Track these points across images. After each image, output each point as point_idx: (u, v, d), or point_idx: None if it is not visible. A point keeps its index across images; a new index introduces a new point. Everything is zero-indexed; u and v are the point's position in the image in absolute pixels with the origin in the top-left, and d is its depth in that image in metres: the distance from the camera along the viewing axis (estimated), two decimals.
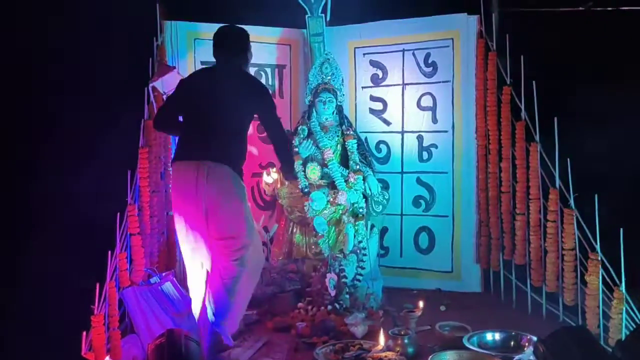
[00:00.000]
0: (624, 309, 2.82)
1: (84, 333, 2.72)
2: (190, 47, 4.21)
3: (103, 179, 3.39)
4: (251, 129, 4.29)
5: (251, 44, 3.31)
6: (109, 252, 2.88)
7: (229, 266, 3.01)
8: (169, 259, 3.90)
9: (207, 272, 3.07)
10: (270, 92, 3.74)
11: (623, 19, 3.84)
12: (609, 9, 3.84)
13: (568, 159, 3.20)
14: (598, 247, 2.99)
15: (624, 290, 2.82)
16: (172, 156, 3.10)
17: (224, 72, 3.10)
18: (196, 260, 3.11)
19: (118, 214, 3.08)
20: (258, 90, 3.11)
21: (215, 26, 3.40)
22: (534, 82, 3.49)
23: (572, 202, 3.20)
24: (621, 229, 2.78)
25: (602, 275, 2.95)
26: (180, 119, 3.22)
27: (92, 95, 3.66)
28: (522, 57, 3.59)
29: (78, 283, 2.86)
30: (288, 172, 3.60)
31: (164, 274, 3.43)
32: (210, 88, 3.00)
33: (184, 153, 3.01)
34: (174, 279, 3.45)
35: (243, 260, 3.03)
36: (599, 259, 2.96)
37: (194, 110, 2.96)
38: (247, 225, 3.06)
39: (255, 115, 3.27)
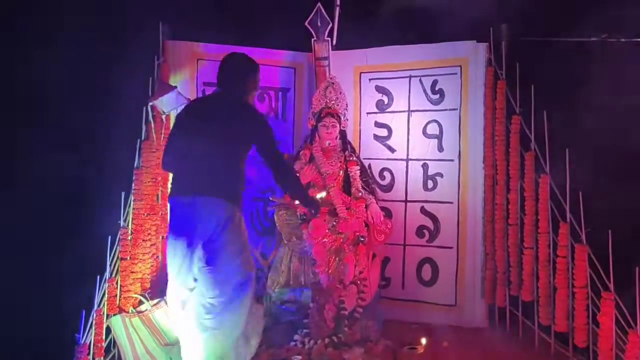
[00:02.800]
0: None
1: None
2: (192, 68, 4.15)
3: (97, 199, 3.28)
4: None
5: (258, 71, 3.15)
6: (98, 277, 2.75)
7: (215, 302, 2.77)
8: (163, 285, 3.75)
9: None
10: (268, 118, 3.61)
11: (636, 50, 3.75)
12: (623, 40, 3.76)
13: (580, 193, 3.08)
14: (612, 285, 2.85)
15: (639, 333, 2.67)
16: (170, 190, 2.92)
17: (220, 102, 2.96)
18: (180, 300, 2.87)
19: (109, 237, 2.96)
20: (253, 120, 2.96)
21: (218, 47, 3.33)
22: (544, 112, 3.40)
23: (583, 237, 3.08)
24: (637, 268, 2.65)
25: (616, 316, 2.81)
26: None
27: (90, 112, 3.58)
28: (532, 86, 3.51)
29: (63, 309, 2.72)
30: (297, 199, 3.39)
31: (156, 301, 3.31)
32: (205, 119, 2.86)
33: (181, 187, 2.85)
34: (166, 306, 3.32)
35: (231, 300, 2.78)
36: (613, 298, 2.82)
37: (188, 141, 2.83)
38: (242, 261, 2.86)
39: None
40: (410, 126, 4.26)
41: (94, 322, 2.70)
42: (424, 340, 3.24)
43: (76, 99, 3.61)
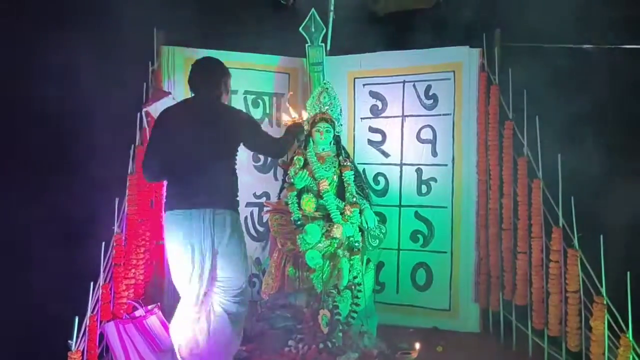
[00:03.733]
0: (631, 357, 2.68)
1: None
2: (187, 73, 4.10)
3: (90, 206, 3.27)
4: (246, 159, 4.24)
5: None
6: (92, 283, 2.74)
7: (230, 306, 2.94)
8: (157, 291, 3.75)
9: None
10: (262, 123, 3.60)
11: (625, 57, 3.78)
12: (612, 46, 3.79)
13: (572, 197, 3.10)
14: (604, 290, 2.86)
15: (631, 338, 2.68)
16: (167, 203, 2.91)
17: (201, 108, 2.94)
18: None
19: (103, 243, 2.96)
20: (238, 120, 2.97)
21: (213, 53, 3.33)
22: (537, 117, 3.42)
23: (576, 242, 3.09)
24: (628, 273, 2.66)
25: (608, 321, 2.82)
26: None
27: (84, 117, 3.56)
28: (525, 91, 3.52)
29: (57, 315, 2.71)
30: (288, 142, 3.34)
31: (149, 307, 3.30)
32: (189, 127, 2.84)
33: (183, 201, 2.83)
34: (160, 312, 3.31)
35: (244, 300, 3.00)
36: (605, 303, 2.83)
37: (178, 152, 2.82)
38: (245, 267, 3.02)
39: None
40: (404, 131, 4.27)
41: (87, 329, 2.69)
42: (417, 345, 3.24)
43: (70, 104, 3.59)
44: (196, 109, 2.95)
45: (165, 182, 3.18)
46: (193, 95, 3.05)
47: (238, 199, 2.99)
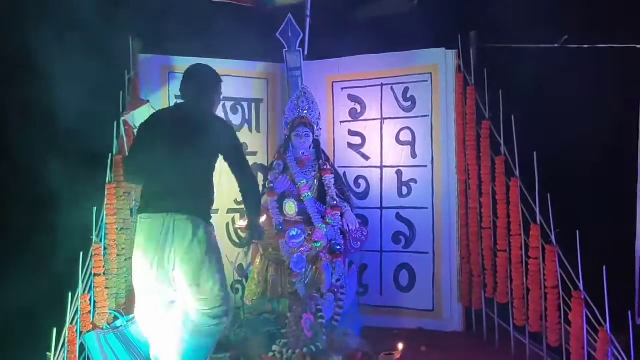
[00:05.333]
0: (610, 350, 2.71)
1: None
2: (164, 81, 4.14)
3: (68, 215, 3.24)
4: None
5: (224, 80, 3.12)
6: (69, 293, 2.72)
7: (200, 317, 2.80)
8: None
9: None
10: (235, 129, 3.56)
11: (600, 56, 3.83)
12: (585, 46, 3.85)
13: (548, 195, 3.13)
14: (581, 285, 2.90)
15: (609, 331, 2.71)
16: (139, 207, 2.89)
17: (187, 114, 2.92)
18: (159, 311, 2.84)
19: (82, 252, 2.93)
20: (221, 130, 2.92)
21: (191, 60, 3.33)
22: (512, 116, 3.46)
23: (553, 238, 3.12)
24: (604, 267, 2.70)
25: (587, 315, 2.85)
26: None
27: (61, 127, 3.54)
28: (500, 91, 3.57)
29: (35, 327, 2.67)
30: (249, 215, 3.12)
31: (130, 317, 3.27)
32: (171, 132, 2.81)
33: (149, 205, 2.80)
34: None
35: (216, 313, 2.82)
36: (583, 297, 2.87)
37: (153, 155, 2.80)
38: (220, 280, 2.84)
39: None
40: (384, 134, 4.30)
41: (66, 340, 2.66)
42: (400, 346, 3.25)
43: (46, 112, 3.57)
44: (180, 115, 2.93)
45: None
46: (183, 101, 3.03)
47: (210, 210, 2.89)
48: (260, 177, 4.29)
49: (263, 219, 3.57)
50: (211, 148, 2.87)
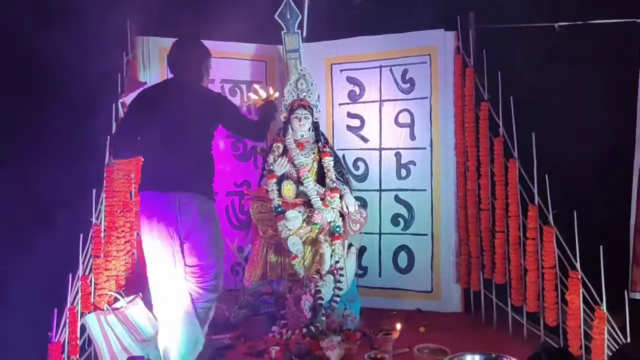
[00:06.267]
0: (606, 329, 2.73)
1: None
2: (162, 63, 4.10)
3: (68, 197, 3.24)
4: (224, 147, 4.24)
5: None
6: (69, 274, 2.73)
7: (203, 293, 2.90)
8: (138, 282, 3.74)
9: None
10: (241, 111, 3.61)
11: (599, 34, 3.81)
12: (579, 22, 3.81)
13: (546, 176, 3.14)
14: (578, 265, 2.91)
15: (605, 310, 2.74)
16: (140, 184, 2.91)
17: (175, 89, 2.92)
18: (169, 289, 2.90)
19: (81, 234, 2.94)
20: (216, 102, 2.94)
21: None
22: (511, 97, 3.45)
23: (551, 219, 3.14)
24: (601, 247, 2.71)
25: (583, 294, 2.87)
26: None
27: (59, 110, 3.53)
28: (499, 72, 3.55)
29: (35, 308, 2.70)
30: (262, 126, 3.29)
31: (131, 298, 3.30)
32: (164, 108, 2.81)
33: (153, 183, 2.83)
34: (142, 303, 3.32)
35: (217, 287, 2.96)
36: (579, 277, 2.89)
37: (154, 133, 2.81)
38: (218, 253, 2.96)
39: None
40: (382, 116, 4.29)
41: (67, 320, 2.68)
42: (398, 326, 3.27)
43: (44, 95, 3.56)
44: (173, 91, 2.92)
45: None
46: (172, 76, 3.02)
47: (212, 182, 2.95)
48: (259, 160, 4.31)
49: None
50: (207, 120, 2.88)
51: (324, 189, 3.88)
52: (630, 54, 3.54)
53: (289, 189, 3.85)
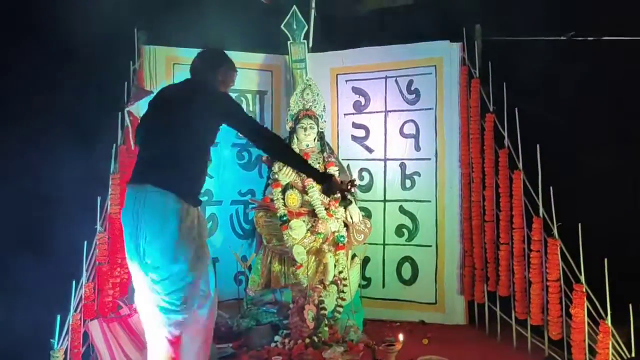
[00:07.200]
0: (611, 343, 2.71)
1: None
2: (169, 72, 4.15)
3: (73, 205, 3.26)
4: (230, 157, 4.25)
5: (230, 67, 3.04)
6: (73, 281, 2.74)
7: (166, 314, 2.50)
8: None
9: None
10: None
11: (605, 49, 3.81)
12: (590, 38, 3.82)
13: (551, 188, 3.13)
14: (583, 278, 2.89)
15: (609, 324, 2.72)
16: None
17: (185, 88, 2.81)
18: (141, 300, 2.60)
19: (85, 242, 2.95)
20: (212, 98, 2.70)
21: (195, 51, 3.32)
22: (516, 109, 3.45)
23: (555, 231, 3.12)
24: (605, 260, 2.69)
25: (588, 308, 2.85)
26: None
27: (66, 118, 3.56)
28: (504, 84, 3.56)
29: (39, 315, 2.70)
30: (299, 168, 3.06)
31: (134, 306, 3.29)
32: (169, 105, 2.68)
33: (134, 175, 2.59)
34: None
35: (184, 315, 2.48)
36: (584, 290, 2.87)
37: (148, 127, 2.69)
38: (185, 266, 2.46)
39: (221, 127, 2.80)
40: (388, 126, 4.29)
41: (70, 327, 2.69)
42: (401, 337, 3.26)
43: (51, 103, 3.59)
44: (181, 88, 2.83)
45: None
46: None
47: (194, 189, 2.59)
48: (264, 170, 4.32)
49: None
50: (203, 117, 2.63)
51: (328, 198, 3.89)
52: (637, 70, 3.53)
53: (293, 198, 3.86)
